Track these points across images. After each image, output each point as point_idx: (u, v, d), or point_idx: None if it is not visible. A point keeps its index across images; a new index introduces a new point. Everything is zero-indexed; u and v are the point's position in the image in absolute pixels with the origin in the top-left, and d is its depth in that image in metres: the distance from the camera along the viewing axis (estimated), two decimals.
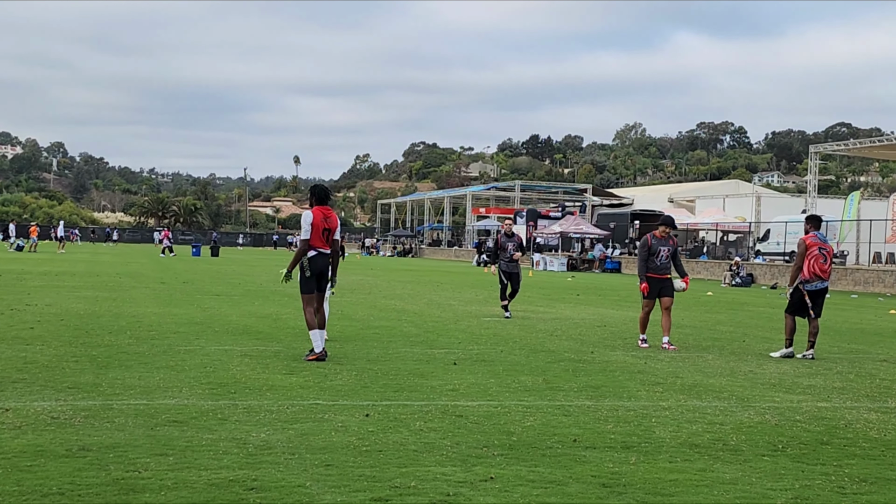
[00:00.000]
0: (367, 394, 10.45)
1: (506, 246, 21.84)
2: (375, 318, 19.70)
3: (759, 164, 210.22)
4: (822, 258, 15.53)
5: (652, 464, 7.55)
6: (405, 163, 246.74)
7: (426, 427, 8.65)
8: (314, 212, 13.08)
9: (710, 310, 27.14)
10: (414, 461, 7.35)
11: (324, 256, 13.11)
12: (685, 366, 13.88)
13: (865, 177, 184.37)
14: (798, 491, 6.86)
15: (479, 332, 17.98)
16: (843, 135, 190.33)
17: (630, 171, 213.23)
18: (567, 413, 9.64)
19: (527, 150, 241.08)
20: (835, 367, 14.39)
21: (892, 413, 10.38)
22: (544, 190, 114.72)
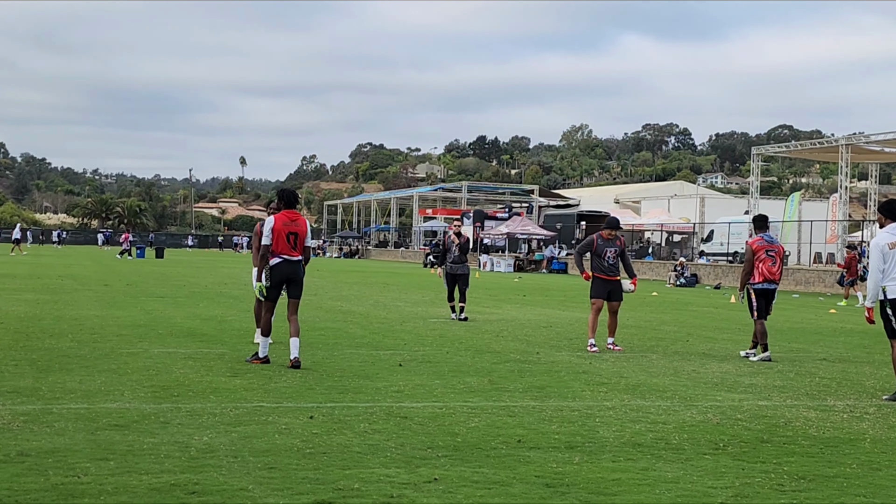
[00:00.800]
0: (311, 396, 10.41)
1: (451, 247, 21.73)
2: (321, 320, 19.64)
3: (704, 166, 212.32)
4: (771, 260, 15.50)
5: (595, 463, 7.59)
6: (352, 164, 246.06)
7: (371, 429, 8.64)
8: (276, 217, 12.69)
9: (654, 310, 27.37)
10: (358, 463, 7.33)
11: (290, 263, 12.63)
12: (629, 366, 13.98)
13: (806, 178, 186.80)
14: (738, 489, 6.94)
15: (425, 333, 17.99)
16: (784, 137, 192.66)
17: (576, 172, 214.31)
18: (512, 414, 9.67)
19: (474, 151, 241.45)
20: (776, 366, 14.57)
21: (831, 411, 10.53)
22: (491, 191, 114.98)
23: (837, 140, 58.20)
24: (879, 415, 10.40)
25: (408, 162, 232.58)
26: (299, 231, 12.68)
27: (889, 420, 10.06)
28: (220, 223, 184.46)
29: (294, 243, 12.62)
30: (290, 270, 12.65)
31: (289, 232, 12.56)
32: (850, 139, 56.76)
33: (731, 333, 20.40)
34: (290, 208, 12.86)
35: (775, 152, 68.58)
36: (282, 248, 12.57)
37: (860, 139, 56.77)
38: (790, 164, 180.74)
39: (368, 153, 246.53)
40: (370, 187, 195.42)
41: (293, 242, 12.60)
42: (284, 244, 12.56)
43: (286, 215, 12.72)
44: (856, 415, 10.35)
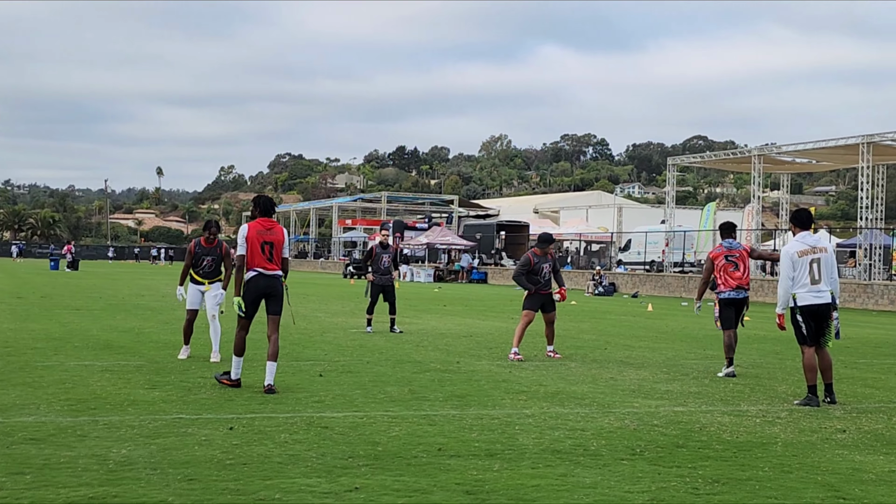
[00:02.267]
0: (231, 407, 10.36)
1: (381, 257, 21.52)
2: None
3: (621, 176, 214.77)
4: (733, 266, 14.78)
5: (515, 470, 7.68)
6: (271, 174, 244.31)
7: (291, 439, 8.63)
8: (251, 225, 11.74)
9: (573, 318, 27.63)
10: (279, 473, 7.33)
11: (266, 277, 11.63)
12: (549, 374, 14.12)
13: (721, 188, 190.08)
14: (655, 493, 7.07)
15: (346, 343, 17.98)
16: (700, 147, 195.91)
17: (496, 182, 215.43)
18: (432, 422, 9.72)
19: (393, 161, 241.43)
20: (691, 373, 14.84)
21: (744, 416, 10.76)
22: (411, 201, 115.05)
23: (750, 151, 59.29)
24: (790, 419, 10.65)
25: (327, 172, 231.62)
26: (275, 241, 11.74)
27: (800, 424, 10.31)
28: (137, 234, 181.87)
29: (270, 254, 11.67)
30: (266, 285, 11.64)
31: (264, 241, 11.63)
32: (762, 150, 57.88)
33: (649, 341, 20.69)
34: (266, 216, 11.87)
35: (690, 163, 69.64)
36: (256, 260, 11.60)
37: (772, 150, 57.92)
38: (705, 174, 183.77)
39: (287, 163, 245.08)
40: (289, 198, 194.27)
41: (269, 253, 11.66)
42: (259, 256, 11.60)
43: (261, 223, 11.76)
44: (768, 419, 10.58)
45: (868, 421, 10.67)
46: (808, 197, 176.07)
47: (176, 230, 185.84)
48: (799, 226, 12.27)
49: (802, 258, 11.89)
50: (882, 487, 7.45)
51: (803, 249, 11.93)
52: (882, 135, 48.16)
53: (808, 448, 8.96)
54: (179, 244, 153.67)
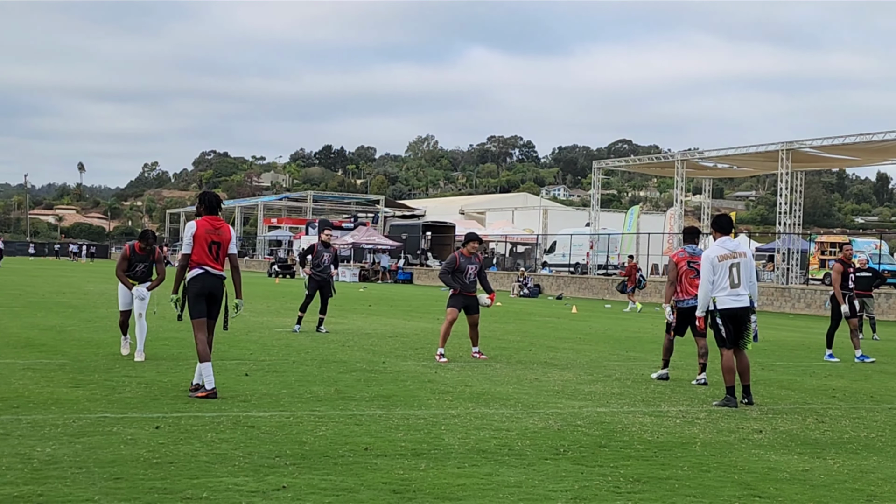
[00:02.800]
0: (157, 406, 10.32)
1: (322, 255, 21.48)
2: (165, 330, 19.32)
3: (547, 178, 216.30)
4: (693, 272, 14.14)
5: (441, 469, 7.78)
6: (195, 172, 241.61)
7: (218, 438, 8.64)
8: (199, 222, 11.30)
9: (498, 320, 27.84)
10: (206, 472, 7.34)
11: (212, 276, 11.23)
12: (474, 375, 14.25)
13: (645, 192, 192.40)
14: (577, 492, 7.22)
15: (271, 343, 17.95)
16: (624, 151, 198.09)
17: (422, 182, 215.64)
18: (359, 422, 9.79)
19: (320, 160, 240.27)
20: (614, 374, 15.07)
21: (664, 417, 10.98)
22: (337, 201, 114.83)
23: (674, 156, 60.18)
24: (710, 420, 10.90)
25: (252, 171, 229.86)
26: (222, 240, 11.33)
27: (718, 424, 10.56)
28: (58, 230, 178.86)
29: (217, 255, 11.27)
30: (212, 284, 11.24)
31: (211, 241, 11.23)
32: (685, 155, 58.79)
33: (573, 343, 20.95)
34: (213, 213, 11.45)
35: (615, 166, 70.56)
36: (202, 258, 11.20)
37: (695, 155, 58.85)
38: (630, 177, 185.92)
39: (212, 161, 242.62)
40: None
41: (215, 253, 11.26)
42: (205, 254, 11.20)
43: (209, 221, 11.33)
44: (688, 420, 10.82)
45: (783, 421, 10.96)
46: (730, 201, 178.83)
47: (98, 227, 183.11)
48: (719, 231, 12.57)
49: (722, 262, 12.17)
50: (795, 486, 7.68)
51: (723, 254, 12.21)
52: (801, 142, 49.21)
53: (726, 448, 9.20)
54: (101, 241, 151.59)
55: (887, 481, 7.99)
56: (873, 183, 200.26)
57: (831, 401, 13.06)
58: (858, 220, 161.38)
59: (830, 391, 14.10)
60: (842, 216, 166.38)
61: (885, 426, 10.97)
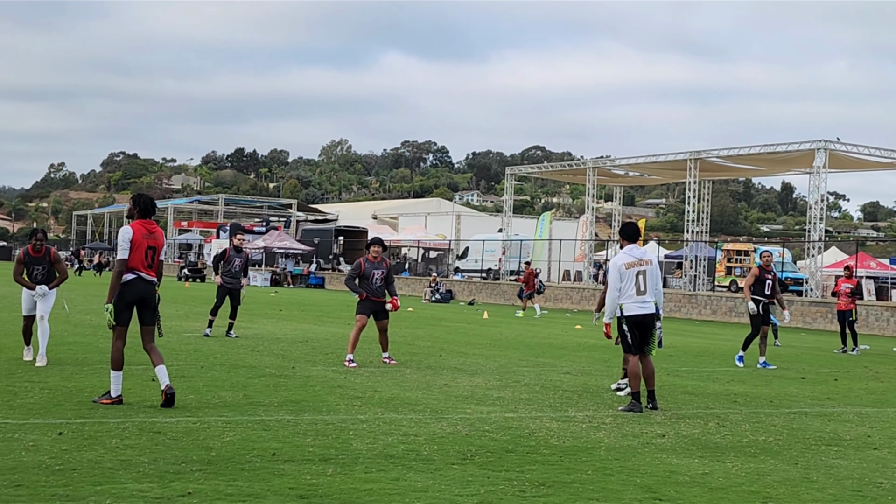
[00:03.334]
0: (60, 412, 10.18)
1: (233, 260, 21.33)
2: (70, 335, 19.04)
3: (461, 184, 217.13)
4: None
5: (348, 474, 7.80)
6: (104, 173, 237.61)
7: (123, 444, 8.56)
8: (134, 227, 10.92)
9: (409, 325, 27.91)
10: (110, 479, 7.27)
11: (145, 282, 10.93)
12: (384, 380, 14.29)
13: (558, 198, 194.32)
14: (483, 496, 7.30)
15: (179, 347, 17.76)
16: (538, 158, 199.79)
17: (335, 187, 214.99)
18: (267, 428, 9.77)
19: (232, 163, 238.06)
20: (523, 380, 15.22)
21: (571, 422, 11.14)
22: (248, 204, 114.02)
23: (586, 163, 60.89)
24: (615, 424, 11.08)
25: (163, 173, 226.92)
26: (157, 245, 11.05)
27: (623, 429, 10.75)
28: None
29: (151, 260, 10.97)
30: (145, 290, 10.93)
31: (147, 246, 10.91)
32: (597, 163, 59.54)
33: (483, 349, 21.09)
34: (147, 217, 11.12)
35: (528, 173, 71.12)
36: (138, 263, 10.84)
37: (606, 163, 59.63)
38: (543, 184, 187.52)
39: (122, 162, 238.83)
40: (123, 197, 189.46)
41: (150, 259, 10.95)
42: (141, 259, 10.84)
43: (144, 226, 10.99)
44: (594, 425, 10.99)
45: (686, 426, 11.19)
46: (640, 209, 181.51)
47: (1, 228, 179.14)
48: (627, 239, 12.80)
49: (629, 270, 12.39)
50: (695, 489, 7.87)
51: (630, 262, 12.43)
52: (708, 151, 50.16)
53: (630, 452, 9.37)
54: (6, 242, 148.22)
55: (783, 483, 8.22)
56: (778, 192, 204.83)
57: (733, 406, 13.36)
58: (764, 228, 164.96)
59: (732, 396, 14.42)
60: (748, 224, 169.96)
61: (783, 430, 11.27)
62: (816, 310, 40.10)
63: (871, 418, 12.75)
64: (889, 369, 20.80)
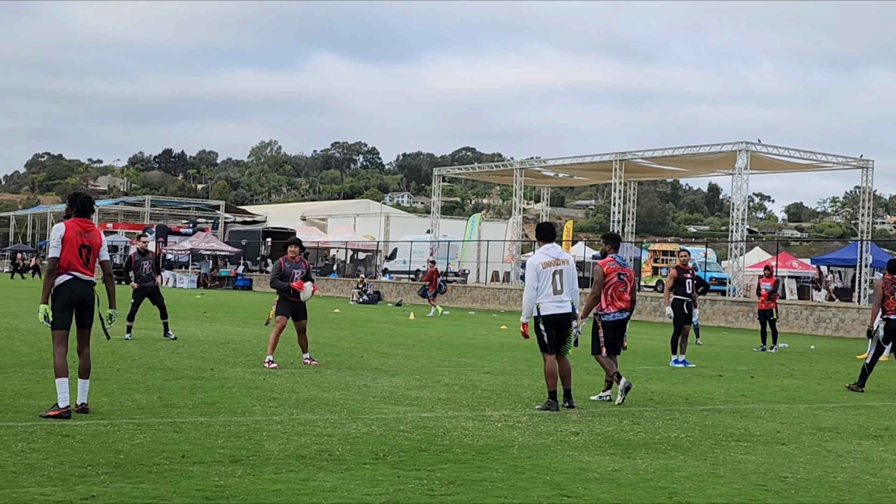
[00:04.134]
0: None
1: (141, 264, 21.12)
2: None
3: (391, 185, 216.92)
4: (623, 285, 13.57)
5: (257, 476, 7.77)
6: (27, 174, 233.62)
7: (29, 448, 8.43)
8: (68, 224, 10.55)
9: (334, 326, 27.83)
10: (12, 483, 7.16)
11: (82, 283, 10.49)
12: (303, 381, 14.24)
13: (488, 199, 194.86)
14: (392, 495, 7.32)
15: (96, 350, 17.42)
16: (468, 159, 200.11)
17: (265, 188, 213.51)
18: (179, 430, 9.68)
19: (159, 164, 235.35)
20: (443, 380, 15.25)
21: (487, 421, 11.20)
22: (176, 205, 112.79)
23: (514, 164, 61.19)
24: (530, 423, 11.16)
25: (88, 174, 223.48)
26: (93, 244, 10.62)
27: (538, 427, 10.83)
28: None
29: (87, 259, 10.53)
30: (82, 291, 10.50)
31: (82, 244, 10.48)
32: (524, 164, 59.84)
33: (406, 349, 21.09)
34: (84, 216, 10.73)
35: (456, 174, 71.31)
36: (73, 263, 10.42)
37: (534, 164, 59.97)
38: (473, 185, 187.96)
39: (46, 163, 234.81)
40: (47, 199, 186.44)
41: (85, 258, 10.51)
42: (76, 258, 10.42)
43: (79, 224, 10.59)
44: (509, 423, 11.06)
45: (601, 424, 11.31)
46: (570, 210, 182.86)
47: None
48: (542, 239, 12.90)
49: (546, 269, 12.48)
50: (604, 485, 7.95)
51: (547, 261, 12.52)
52: (633, 153, 50.70)
53: (542, 450, 9.44)
54: None
55: (690, 479, 8.34)
56: (705, 193, 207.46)
57: (649, 403, 13.52)
58: (691, 228, 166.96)
59: (649, 394, 14.59)
60: (675, 225, 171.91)
61: (695, 427, 11.43)
62: (738, 309, 40.72)
63: (782, 414, 12.98)
64: (805, 366, 21.19)
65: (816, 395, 15.76)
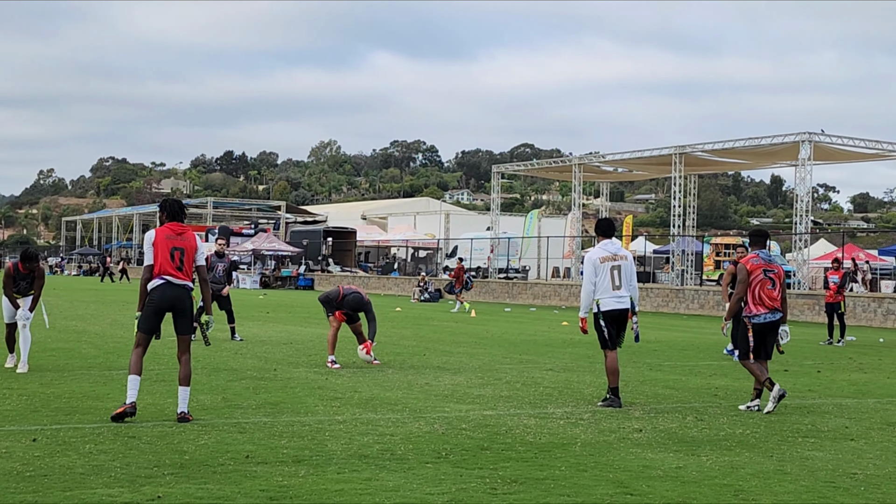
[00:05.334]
0: (36, 418, 10.17)
1: (216, 266, 21.28)
2: (53, 341, 18.99)
3: (450, 182, 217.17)
4: (770, 282, 12.69)
5: (320, 475, 7.81)
6: (93, 178, 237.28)
7: (96, 449, 8.55)
8: (158, 230, 10.51)
9: (396, 325, 27.89)
10: (80, 484, 7.27)
11: (174, 287, 10.34)
12: (365, 380, 14.28)
13: (547, 195, 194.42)
14: (454, 494, 7.31)
15: (161, 351, 17.65)
16: (526, 155, 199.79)
17: (325, 188, 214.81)
18: (242, 430, 9.76)
19: (220, 166, 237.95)
20: (504, 377, 15.22)
21: (549, 418, 11.16)
22: (238, 207, 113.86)
23: (572, 160, 60.92)
24: (593, 420, 11.10)
25: (152, 177, 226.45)
26: (186, 247, 10.48)
27: (601, 425, 10.76)
28: None
29: (180, 262, 10.40)
30: (174, 296, 10.35)
31: (173, 247, 10.39)
32: (582, 159, 59.55)
33: (468, 347, 21.09)
34: (176, 220, 10.67)
35: (515, 170, 71.14)
36: (164, 267, 10.32)
37: (593, 159, 59.66)
38: (532, 181, 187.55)
39: (111, 167, 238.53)
40: (112, 202, 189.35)
41: (178, 261, 10.39)
42: (167, 262, 10.31)
43: (171, 228, 10.53)
44: (571, 421, 11.01)
45: (664, 420, 11.22)
46: (630, 204, 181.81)
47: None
48: (601, 234, 12.81)
49: (604, 264, 12.40)
50: (668, 483, 7.88)
51: (605, 256, 12.45)
52: (693, 146, 50.24)
53: (605, 447, 9.39)
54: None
55: (755, 476, 8.24)
56: (768, 185, 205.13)
57: (713, 399, 13.39)
58: (754, 221, 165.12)
59: (713, 390, 14.45)
60: (737, 218, 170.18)
61: (761, 423, 11.30)
62: (804, 302, 40.17)
63: (850, 409, 12.79)
64: (873, 360, 20.85)
65: (886, 389, 15.50)
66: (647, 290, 46.40)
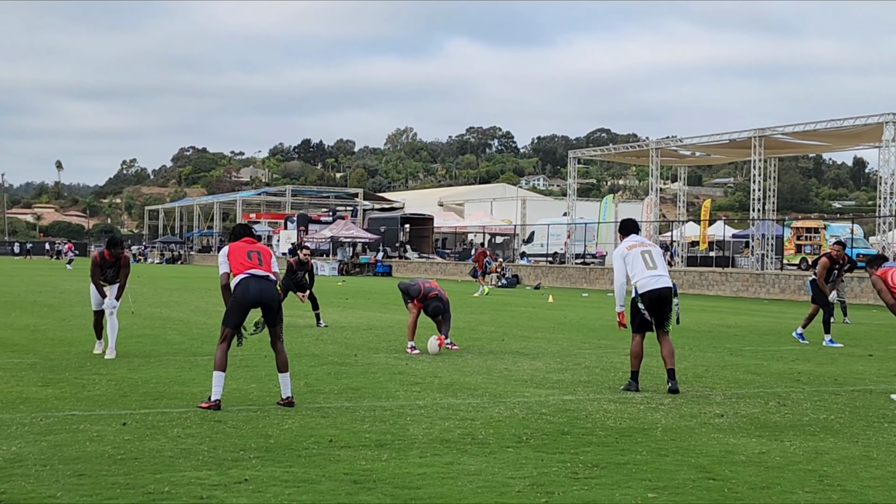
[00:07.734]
0: (125, 403, 10.41)
1: (297, 273, 21.48)
2: (139, 327, 19.39)
3: (526, 168, 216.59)
4: None
5: (403, 459, 7.90)
6: (174, 168, 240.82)
7: (184, 433, 8.74)
8: (230, 244, 10.77)
9: (474, 311, 27.97)
10: (169, 467, 7.45)
11: (258, 279, 10.41)
12: (444, 366, 14.37)
13: (624, 180, 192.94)
14: (535, 478, 7.36)
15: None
16: (603, 140, 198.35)
17: (401, 175, 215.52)
18: (325, 415, 9.90)
19: (299, 154, 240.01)
20: (584, 363, 15.21)
21: (628, 403, 11.13)
22: (316, 195, 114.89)
23: (649, 144, 60.39)
24: (673, 405, 11.05)
25: (231, 166, 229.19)
26: (262, 250, 10.72)
27: (681, 409, 10.72)
28: (36, 229, 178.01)
29: (259, 260, 10.54)
30: (259, 287, 10.39)
31: (248, 251, 10.58)
32: (660, 143, 58.99)
33: (546, 332, 21.09)
34: (246, 236, 10.89)
35: (591, 156, 70.78)
36: (244, 265, 10.47)
37: (670, 143, 59.07)
38: (608, 166, 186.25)
39: (191, 157, 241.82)
40: (193, 192, 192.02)
41: (257, 260, 10.53)
42: (245, 260, 10.48)
43: (242, 241, 10.75)
44: (651, 405, 10.98)
45: (745, 405, 11.13)
46: (708, 188, 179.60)
47: (77, 225, 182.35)
48: (623, 233, 12.80)
49: (633, 250, 12.32)
50: (750, 468, 7.84)
51: (632, 244, 12.42)
52: (773, 129, 49.49)
53: (686, 432, 9.35)
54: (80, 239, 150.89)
55: (840, 462, 8.16)
56: (850, 167, 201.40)
57: (795, 384, 13.24)
58: (836, 204, 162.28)
59: (795, 375, 14.28)
60: (819, 201, 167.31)
61: (845, 408, 11.16)
62: None
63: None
64: None
65: None
66: (727, 275, 45.90)
